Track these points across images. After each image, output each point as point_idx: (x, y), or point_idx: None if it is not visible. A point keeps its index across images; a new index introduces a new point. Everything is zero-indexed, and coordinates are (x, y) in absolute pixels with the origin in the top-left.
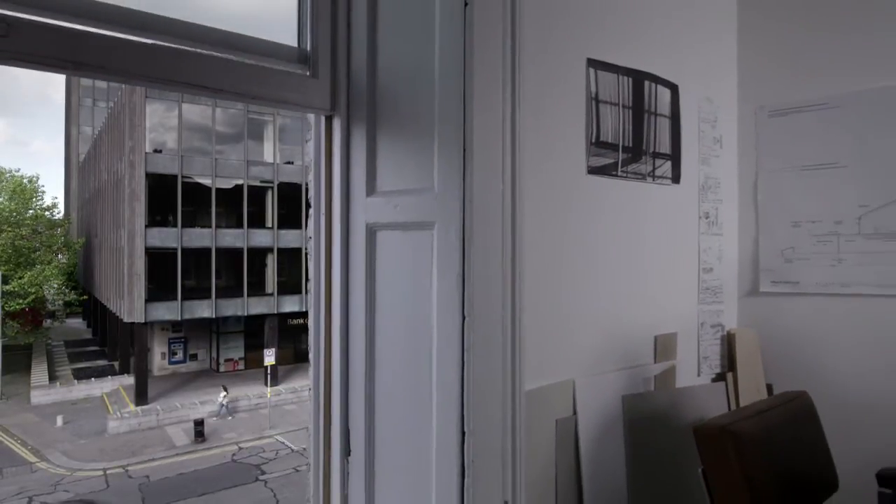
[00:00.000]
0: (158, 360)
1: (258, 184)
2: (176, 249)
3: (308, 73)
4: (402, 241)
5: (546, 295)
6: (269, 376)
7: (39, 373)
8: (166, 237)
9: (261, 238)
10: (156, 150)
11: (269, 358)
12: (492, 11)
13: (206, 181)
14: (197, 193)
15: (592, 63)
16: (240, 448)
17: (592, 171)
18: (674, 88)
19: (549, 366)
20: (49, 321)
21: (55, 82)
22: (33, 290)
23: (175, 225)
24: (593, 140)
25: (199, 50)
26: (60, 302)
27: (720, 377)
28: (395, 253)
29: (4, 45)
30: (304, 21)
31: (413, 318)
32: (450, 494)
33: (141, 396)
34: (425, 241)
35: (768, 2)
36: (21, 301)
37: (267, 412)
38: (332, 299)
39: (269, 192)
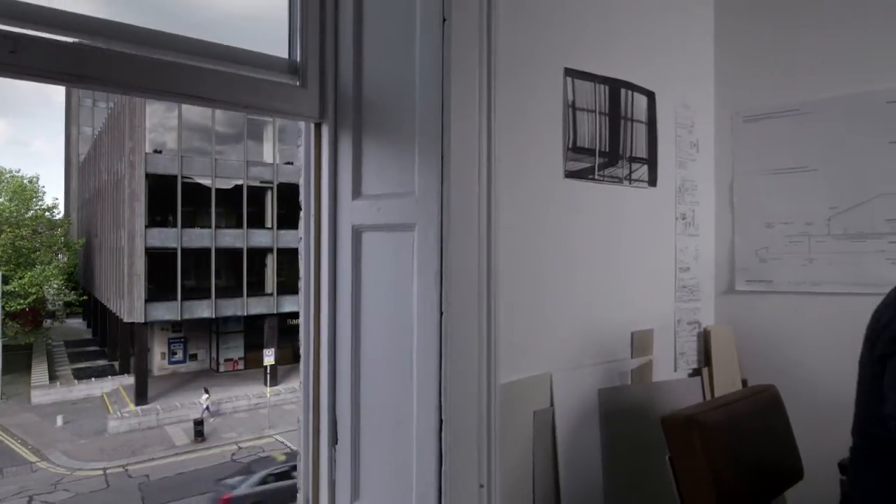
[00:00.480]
0: (158, 360)
1: (258, 184)
2: (176, 249)
3: (298, 84)
4: (386, 242)
5: (524, 293)
6: (268, 376)
7: (39, 373)
8: (166, 237)
9: (260, 238)
10: (156, 151)
11: (269, 358)
12: (468, 27)
13: (206, 181)
14: (197, 194)
15: (569, 72)
16: (239, 448)
17: (569, 174)
18: (650, 95)
19: (527, 360)
20: (49, 321)
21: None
22: (33, 291)
23: (175, 225)
24: (570, 145)
25: (195, 63)
26: (60, 302)
27: (696, 372)
28: (379, 253)
29: (13, 60)
30: (294, 34)
31: (395, 314)
32: (429, 478)
33: (141, 396)
34: (407, 241)
35: (744, 11)
36: (21, 301)
37: (266, 412)
38: (321, 297)
39: (269, 193)
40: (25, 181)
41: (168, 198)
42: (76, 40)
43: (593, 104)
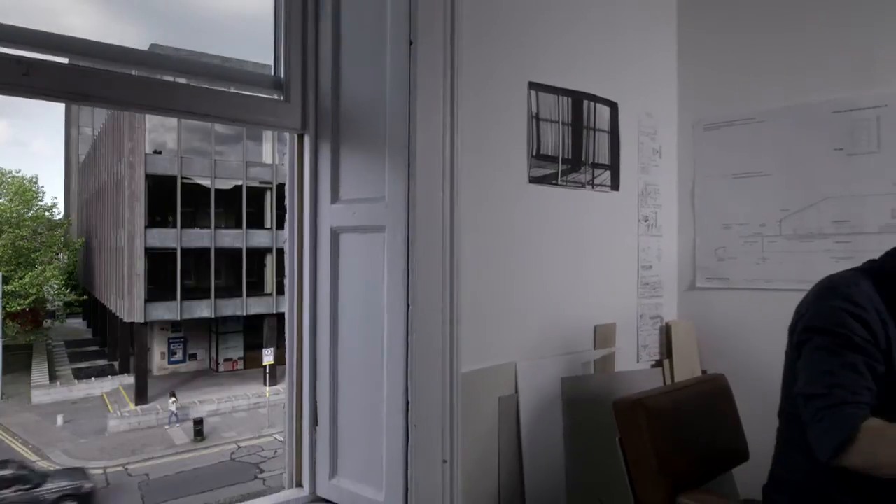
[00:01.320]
0: (158, 359)
1: (257, 184)
2: (175, 250)
3: (282, 98)
4: (360, 242)
5: (491, 288)
6: (267, 376)
7: (40, 372)
8: (166, 238)
9: (260, 238)
10: (155, 152)
11: (268, 357)
12: (432, 50)
13: (206, 182)
14: (196, 194)
15: (533, 86)
16: (238, 447)
17: (534, 180)
18: (613, 106)
19: (492, 350)
20: (49, 321)
21: None
22: (34, 291)
23: (174, 225)
24: (534, 153)
25: (189, 81)
26: (60, 302)
27: (658, 364)
28: (355, 252)
29: (27, 81)
30: (279, 53)
31: (369, 307)
32: (397, 454)
33: (141, 396)
34: (378, 242)
35: (706, 26)
36: (22, 301)
37: (266, 411)
38: (304, 293)
39: (268, 193)
40: (25, 181)
41: (168, 198)
42: (82, 63)
43: (556, 115)
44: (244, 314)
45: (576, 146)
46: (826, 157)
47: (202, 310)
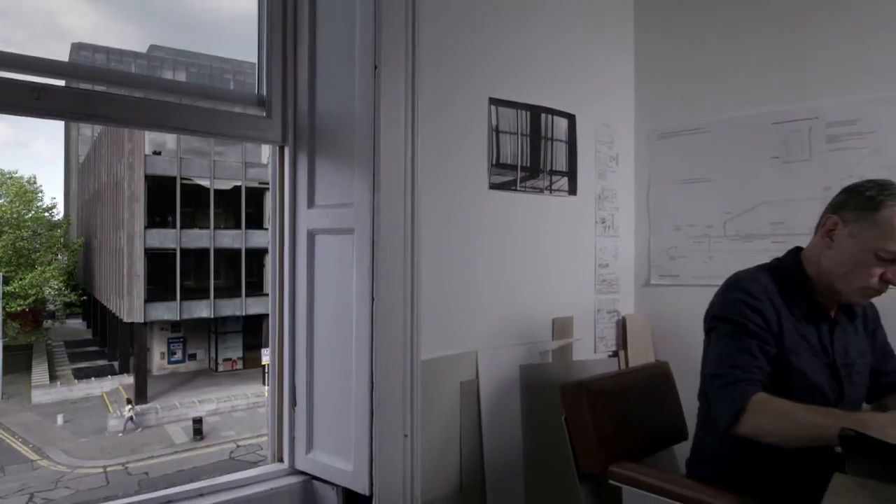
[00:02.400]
0: (158, 359)
1: (256, 185)
2: (175, 250)
3: (264, 115)
4: (333, 243)
5: (455, 284)
6: (266, 375)
7: (40, 372)
8: (165, 238)
9: (259, 239)
10: (155, 152)
11: (268, 357)
12: (394, 73)
13: (205, 182)
14: (196, 195)
15: (494, 101)
16: (238, 446)
17: (494, 186)
18: (571, 118)
19: (455, 339)
20: (49, 322)
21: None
22: (34, 292)
23: (174, 226)
24: (494, 162)
25: (181, 101)
26: (60, 302)
27: (615, 354)
28: (328, 252)
29: (38, 104)
30: (262, 74)
31: (340, 301)
32: (363, 430)
33: (140, 395)
34: (348, 242)
35: (661, 43)
36: (22, 302)
37: (264, 411)
38: (284, 288)
39: (267, 194)
40: (24, 182)
41: (167, 199)
42: (87, 87)
43: (515, 127)
44: (243, 314)
45: (534, 155)
46: (764, 164)
47: (201, 310)
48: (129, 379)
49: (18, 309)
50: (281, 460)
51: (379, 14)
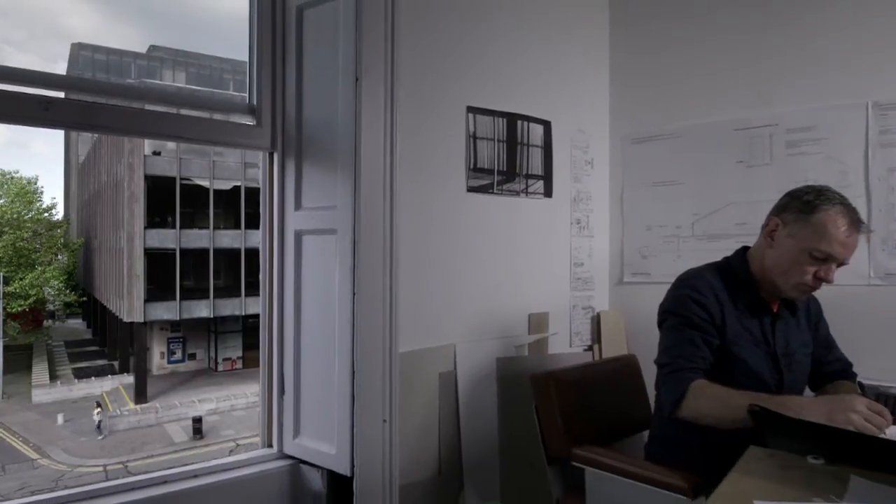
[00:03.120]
0: (157, 359)
1: (256, 185)
2: (175, 250)
3: (255, 123)
4: (318, 243)
5: (434, 281)
6: None
7: (40, 372)
8: (165, 238)
9: (258, 239)
10: (154, 153)
11: None
12: (375, 85)
13: (205, 183)
14: (195, 195)
15: (471, 109)
16: (237, 445)
17: (471, 189)
18: (546, 124)
19: (434, 332)
20: (49, 321)
21: None
22: (34, 292)
23: (174, 226)
24: (472, 167)
25: (177, 111)
26: (60, 302)
27: (589, 348)
28: (314, 251)
29: (47, 115)
30: (252, 85)
31: (324, 296)
32: (345, 416)
33: (140, 395)
34: (332, 242)
35: (634, 53)
36: (22, 302)
37: None
38: (274, 286)
39: None
40: (25, 182)
41: (167, 199)
42: (90, 99)
43: (492, 134)
44: (243, 314)
45: (510, 159)
46: (729, 168)
47: (201, 310)
48: (129, 378)
49: (19, 309)
50: (271, 446)
51: (360, 30)
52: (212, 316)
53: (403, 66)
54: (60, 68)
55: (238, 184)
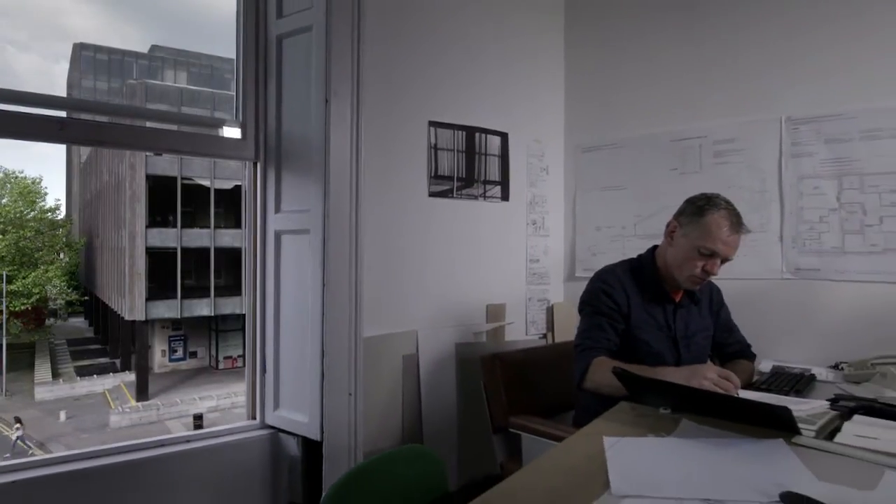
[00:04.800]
0: (159, 357)
1: None
2: (176, 249)
3: (241, 137)
4: (294, 242)
5: (398, 276)
6: None
7: (42, 370)
8: (166, 237)
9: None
10: (156, 153)
11: None
12: (342, 105)
13: (206, 182)
14: (196, 194)
15: (433, 124)
16: None
17: (433, 194)
18: (504, 136)
19: (398, 320)
20: (52, 320)
21: (58, 85)
22: (37, 291)
23: (175, 225)
24: (433, 174)
25: (175, 128)
26: (62, 301)
27: (543, 336)
28: (291, 249)
29: (61, 135)
30: (239, 103)
31: (300, 288)
32: (316, 389)
33: (142, 392)
34: (305, 241)
35: (586, 71)
36: (25, 301)
37: None
38: (257, 279)
39: None
40: (29, 182)
41: (168, 198)
42: (100, 119)
43: (452, 145)
44: (244, 312)
45: (469, 167)
46: (666, 175)
47: (202, 308)
48: (130, 376)
49: (21, 307)
50: (254, 417)
51: (329, 58)
52: (213, 314)
53: (371, 85)
54: (62, 68)
55: (239, 183)
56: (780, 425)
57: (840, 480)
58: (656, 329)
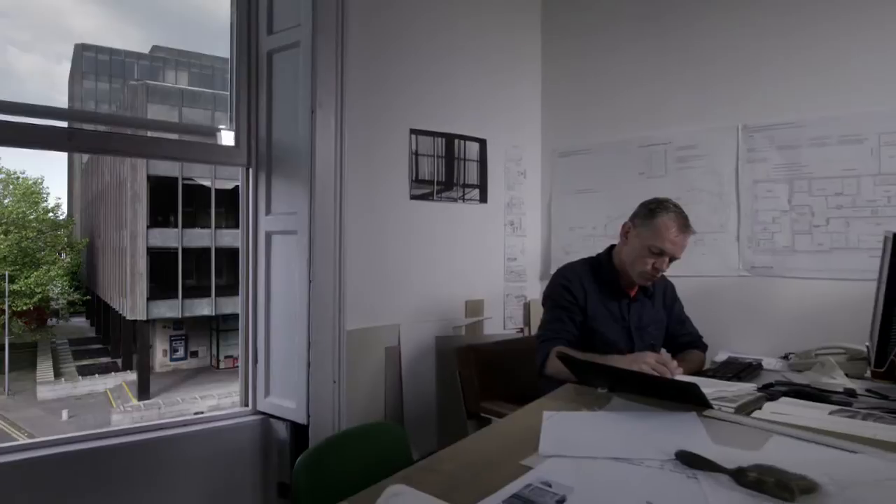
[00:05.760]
0: (160, 356)
1: None
2: (177, 249)
3: (235, 145)
4: (283, 241)
5: (382, 273)
6: None
7: (45, 370)
8: (167, 237)
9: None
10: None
11: None
12: (327, 115)
13: (207, 182)
14: (197, 194)
15: (414, 131)
16: None
17: (414, 197)
18: (482, 142)
19: (381, 315)
20: (54, 320)
21: (59, 86)
22: (39, 291)
23: (176, 225)
24: (414, 179)
25: (175, 137)
26: (64, 301)
27: (521, 330)
28: (280, 248)
29: (70, 144)
30: (233, 115)
31: (289, 284)
32: (303, 377)
33: (143, 392)
34: (293, 241)
35: (562, 80)
36: (27, 301)
37: None
38: (250, 276)
39: None
40: (31, 183)
41: (169, 199)
42: (105, 129)
43: (432, 151)
44: None
45: (448, 172)
46: (634, 178)
47: (203, 308)
48: (131, 375)
49: (24, 307)
50: (247, 404)
51: (315, 73)
52: (213, 314)
53: (356, 95)
54: (64, 68)
55: (239, 184)
56: (694, 400)
57: (731, 444)
58: (612, 321)
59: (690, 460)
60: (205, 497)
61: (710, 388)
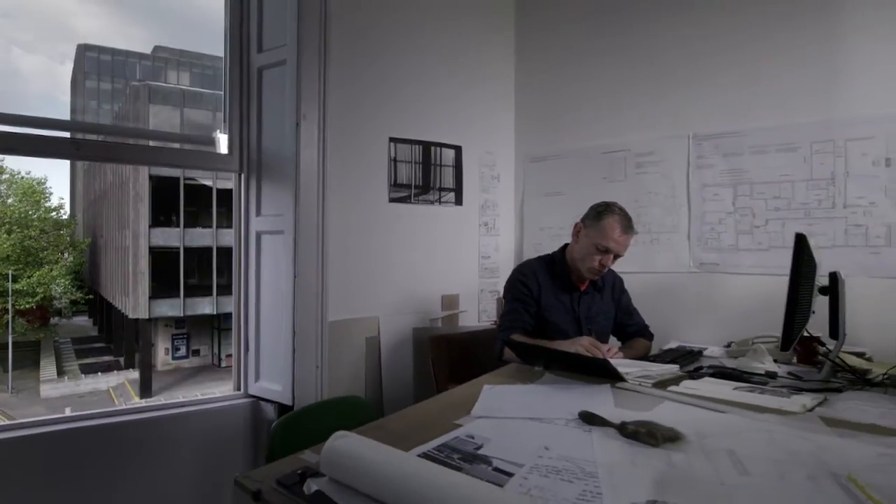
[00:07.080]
0: (162, 355)
1: None
2: (179, 248)
3: (228, 153)
4: (272, 241)
5: (363, 270)
6: None
7: (48, 368)
8: (169, 237)
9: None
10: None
11: None
12: (311, 127)
13: (208, 182)
14: (199, 194)
15: (393, 139)
16: None
17: (392, 200)
18: (458, 149)
19: (361, 307)
20: (56, 319)
21: (62, 85)
22: (41, 290)
23: (178, 225)
24: (392, 183)
25: (174, 145)
26: (67, 300)
27: (495, 323)
28: (269, 247)
29: (77, 153)
30: (227, 123)
31: (276, 279)
32: (287, 363)
33: (145, 390)
34: (280, 240)
35: (535, 91)
36: (30, 300)
37: None
38: (241, 272)
39: None
40: (34, 182)
41: (171, 199)
42: (111, 139)
43: (410, 157)
44: None
45: (425, 176)
46: (597, 183)
47: (205, 306)
48: (133, 374)
49: (26, 306)
50: (239, 389)
51: (299, 88)
52: (215, 313)
53: (338, 107)
54: (67, 69)
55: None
56: (610, 375)
57: (629, 407)
58: (563, 312)
59: (589, 418)
60: (199, 471)
61: (635, 367)
